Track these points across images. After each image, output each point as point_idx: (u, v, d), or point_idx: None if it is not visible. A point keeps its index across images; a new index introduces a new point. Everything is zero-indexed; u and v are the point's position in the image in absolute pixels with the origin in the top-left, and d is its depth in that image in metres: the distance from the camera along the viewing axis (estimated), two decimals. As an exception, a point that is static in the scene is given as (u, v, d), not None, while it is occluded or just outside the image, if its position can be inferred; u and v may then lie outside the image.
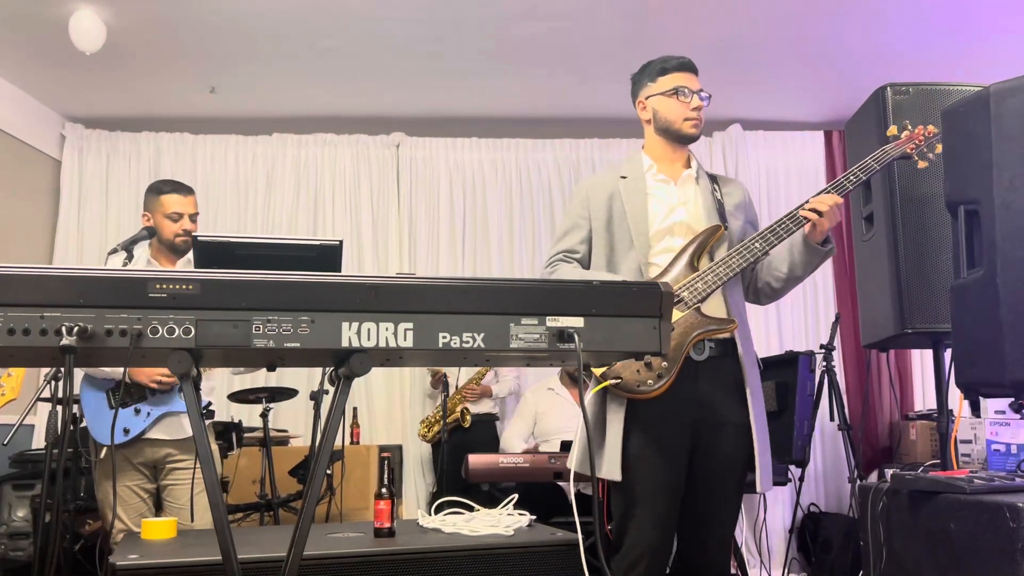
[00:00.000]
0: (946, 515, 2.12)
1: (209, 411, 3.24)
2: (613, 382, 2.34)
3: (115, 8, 4.26)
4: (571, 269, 2.52)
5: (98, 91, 5.30)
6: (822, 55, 4.96)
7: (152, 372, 3.02)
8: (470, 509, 2.64)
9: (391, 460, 2.56)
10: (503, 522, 2.45)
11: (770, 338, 5.69)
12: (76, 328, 1.37)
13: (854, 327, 5.23)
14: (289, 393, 4.41)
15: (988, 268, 2.20)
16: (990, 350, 2.17)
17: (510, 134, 5.92)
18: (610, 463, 2.35)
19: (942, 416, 2.95)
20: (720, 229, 2.46)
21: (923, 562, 2.20)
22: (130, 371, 2.98)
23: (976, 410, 2.43)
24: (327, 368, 2.29)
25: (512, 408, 5.40)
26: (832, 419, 4.44)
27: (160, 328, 1.41)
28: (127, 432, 3.02)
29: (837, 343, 4.70)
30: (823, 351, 4.52)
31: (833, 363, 4.50)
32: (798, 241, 2.44)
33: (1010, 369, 2.13)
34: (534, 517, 2.54)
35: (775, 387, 4.40)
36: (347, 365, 1.48)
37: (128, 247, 3.06)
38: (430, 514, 2.62)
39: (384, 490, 2.45)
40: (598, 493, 2.47)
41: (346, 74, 5.12)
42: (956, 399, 2.46)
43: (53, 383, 3.03)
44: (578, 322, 1.55)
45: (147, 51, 4.76)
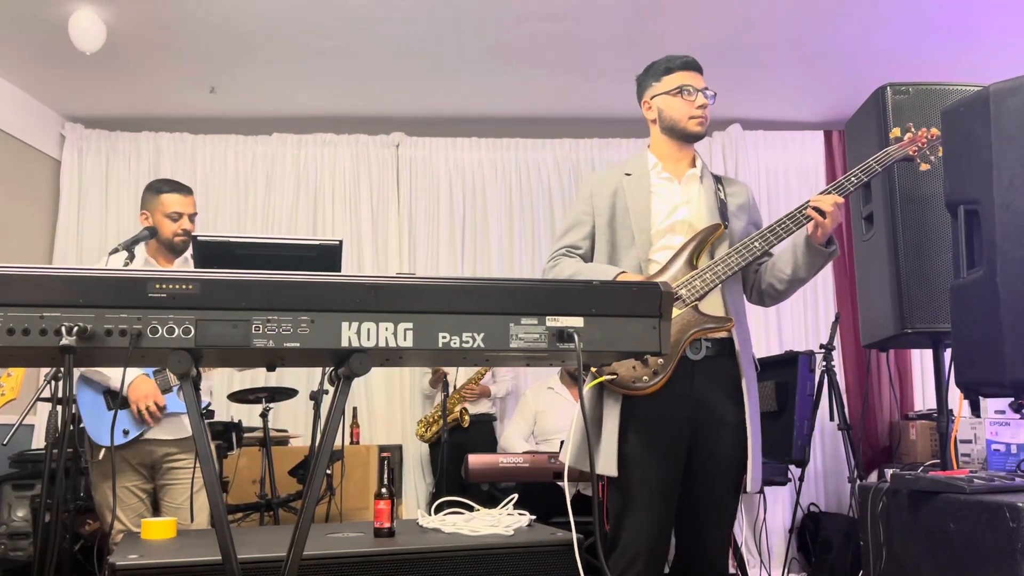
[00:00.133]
0: (946, 515, 2.12)
1: (209, 411, 3.24)
2: (609, 377, 2.34)
3: (115, 8, 4.26)
4: (573, 262, 2.52)
5: (98, 91, 5.30)
6: (822, 55, 4.95)
7: (144, 396, 3.00)
8: (470, 509, 2.64)
9: (391, 460, 2.56)
10: (503, 522, 2.45)
11: (770, 338, 5.69)
12: (76, 328, 1.37)
13: (854, 327, 5.23)
14: (289, 393, 4.41)
15: (988, 268, 2.20)
16: (990, 350, 2.17)
17: (510, 134, 5.92)
18: (606, 459, 2.35)
19: (942, 416, 2.94)
20: (720, 228, 2.46)
21: (923, 562, 2.20)
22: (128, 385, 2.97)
23: (976, 410, 2.43)
24: (327, 368, 2.30)
25: (511, 408, 5.40)
26: (832, 419, 4.44)
27: (160, 328, 1.41)
28: (126, 433, 3.02)
29: (837, 343, 4.70)
30: (823, 351, 4.52)
31: (833, 363, 4.50)
32: (801, 242, 2.43)
33: (1010, 369, 2.13)
34: (534, 517, 2.54)
35: (775, 387, 4.40)
36: (347, 365, 1.48)
37: (129, 247, 3.06)
38: (430, 514, 2.62)
39: (384, 490, 2.45)
40: (598, 493, 2.47)
41: (346, 74, 5.12)
42: (956, 399, 2.46)
43: (53, 383, 3.03)
44: (578, 322, 1.55)
45: (147, 51, 4.75)
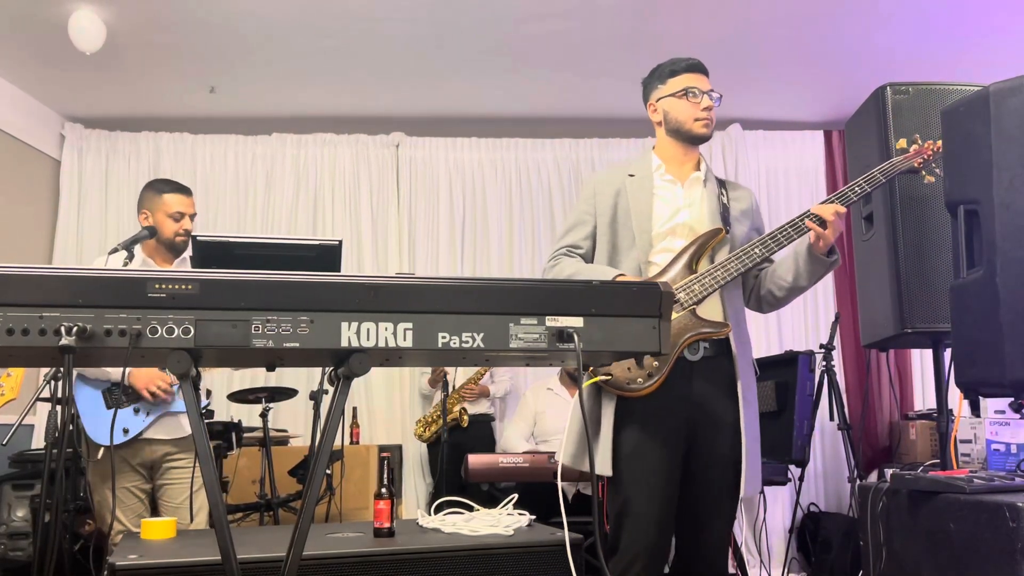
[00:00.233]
0: (946, 515, 2.12)
1: (208, 411, 3.24)
2: (603, 378, 2.34)
3: (115, 8, 4.26)
4: (573, 262, 2.52)
5: (97, 91, 5.30)
6: (822, 55, 4.95)
7: (149, 380, 3.01)
8: (470, 509, 2.64)
9: (391, 460, 2.56)
10: (503, 522, 2.45)
11: (770, 338, 5.69)
12: (75, 328, 1.37)
13: (854, 327, 5.23)
14: (289, 393, 4.41)
15: (988, 268, 2.20)
16: (990, 350, 2.17)
17: (510, 134, 5.92)
18: (602, 458, 2.36)
19: (942, 416, 2.94)
20: (721, 232, 2.45)
21: (923, 562, 2.20)
22: (129, 377, 2.97)
23: (976, 410, 2.43)
24: (327, 368, 2.29)
25: (510, 408, 5.40)
26: (832, 419, 4.44)
27: (159, 328, 1.41)
28: (126, 432, 3.02)
29: (837, 343, 4.70)
30: (823, 351, 4.52)
31: (833, 363, 4.50)
32: (803, 251, 2.43)
33: (1010, 369, 2.13)
34: (534, 517, 2.54)
35: (775, 387, 4.40)
36: (346, 365, 1.48)
37: (129, 246, 3.06)
38: (430, 514, 2.62)
39: (384, 490, 2.45)
40: (598, 493, 2.47)
41: (346, 74, 5.12)
42: (956, 399, 2.46)
43: (52, 383, 3.03)
44: (577, 322, 1.55)
45: (147, 51, 4.75)
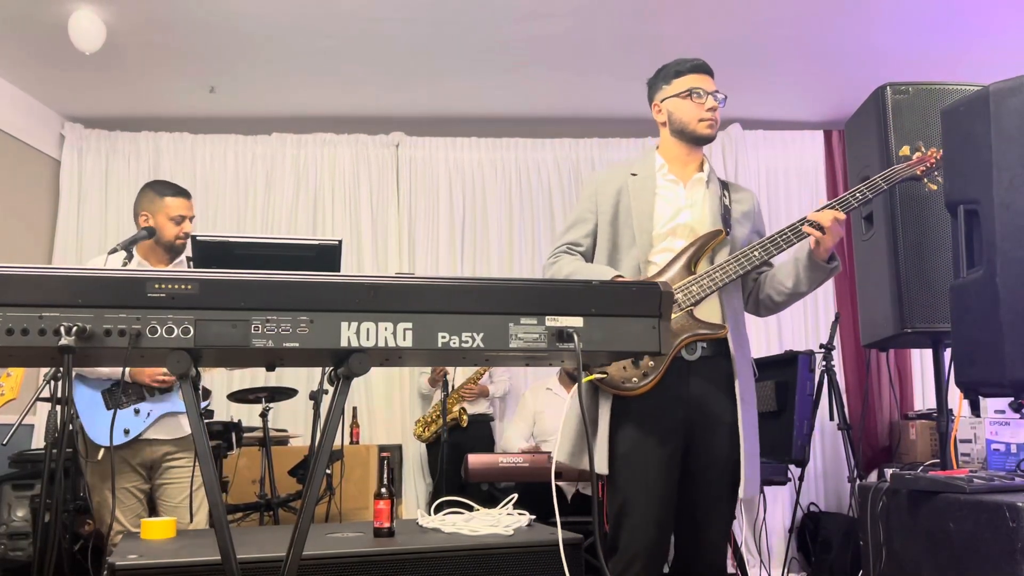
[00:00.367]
0: (946, 515, 2.11)
1: (208, 411, 3.24)
2: (598, 376, 2.34)
3: (115, 8, 4.26)
4: (572, 260, 2.51)
5: (97, 91, 5.30)
6: (822, 55, 4.95)
7: (153, 372, 3.03)
8: (469, 509, 2.64)
9: (391, 460, 2.56)
10: (503, 522, 2.45)
11: (770, 338, 5.69)
12: (75, 328, 1.37)
13: (854, 327, 5.22)
14: (289, 393, 4.41)
15: (988, 268, 2.20)
16: (990, 350, 2.17)
17: (510, 134, 5.92)
18: (599, 456, 2.36)
19: (942, 416, 2.94)
20: (721, 234, 2.45)
21: (923, 562, 2.20)
22: (130, 371, 2.98)
23: (976, 410, 2.43)
24: (326, 368, 2.29)
25: (509, 408, 5.40)
26: (832, 419, 4.44)
27: (159, 328, 1.41)
28: (127, 433, 3.02)
29: (837, 343, 4.70)
30: (823, 351, 4.52)
31: (833, 363, 4.50)
32: (803, 257, 2.43)
33: (1010, 369, 2.13)
34: (534, 517, 2.54)
35: (775, 387, 4.40)
36: (346, 365, 1.48)
37: (128, 247, 3.06)
38: (429, 514, 2.62)
39: (384, 490, 2.45)
40: (597, 492, 2.47)
41: (346, 74, 5.12)
42: (956, 399, 2.46)
43: (52, 383, 3.03)
44: (577, 322, 1.55)
45: (147, 51, 4.75)
